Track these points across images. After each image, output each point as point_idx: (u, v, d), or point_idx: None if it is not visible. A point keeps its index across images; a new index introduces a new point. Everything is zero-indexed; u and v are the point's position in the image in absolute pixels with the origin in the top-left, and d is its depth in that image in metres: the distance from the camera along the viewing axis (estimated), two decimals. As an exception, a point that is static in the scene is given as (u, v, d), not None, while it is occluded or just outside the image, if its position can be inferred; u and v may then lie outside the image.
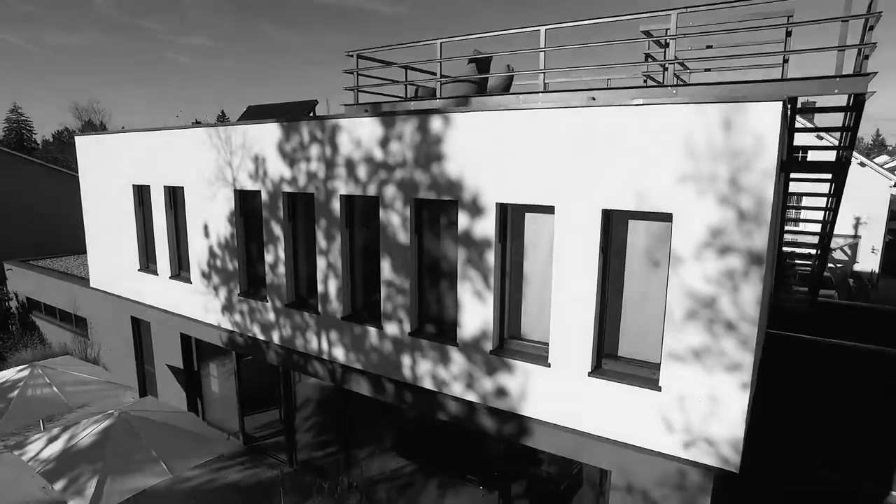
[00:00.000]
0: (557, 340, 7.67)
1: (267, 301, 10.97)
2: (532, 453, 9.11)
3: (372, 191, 9.01)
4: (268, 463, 12.49)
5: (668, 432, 7.08)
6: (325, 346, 10.19)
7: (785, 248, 13.15)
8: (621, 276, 7.42)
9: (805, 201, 17.44)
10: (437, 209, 8.67)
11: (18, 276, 19.41)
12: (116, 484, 8.12)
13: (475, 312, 8.29)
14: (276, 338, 11.00)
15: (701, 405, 6.79)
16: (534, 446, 8.48)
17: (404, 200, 8.68)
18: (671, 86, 8.36)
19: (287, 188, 10.13)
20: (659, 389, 7.05)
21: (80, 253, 19.94)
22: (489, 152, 7.79)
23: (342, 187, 9.37)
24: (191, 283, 12.42)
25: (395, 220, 8.83)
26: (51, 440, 9.08)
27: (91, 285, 15.66)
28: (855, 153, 28.02)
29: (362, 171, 9.07)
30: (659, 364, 7.11)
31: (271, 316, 10.96)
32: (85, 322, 16.65)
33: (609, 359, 7.60)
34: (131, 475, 8.34)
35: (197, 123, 12.34)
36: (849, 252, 28.98)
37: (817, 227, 11.26)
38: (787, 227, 11.66)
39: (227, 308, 11.75)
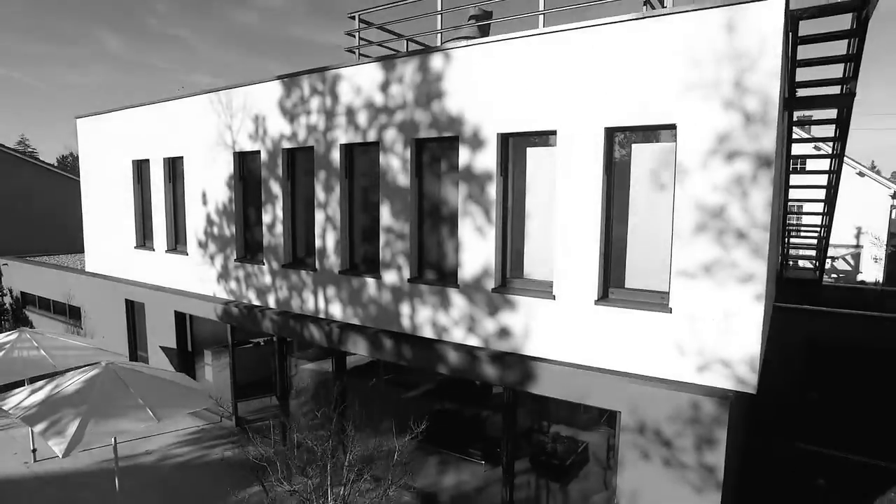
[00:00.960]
0: (562, 271, 7.43)
1: (263, 264, 10.74)
2: (536, 430, 8.75)
3: (372, 136, 8.93)
4: (259, 442, 11.95)
5: (680, 357, 6.76)
6: (321, 304, 9.90)
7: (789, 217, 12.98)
8: (626, 199, 7.23)
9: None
10: (438, 149, 8.56)
11: (13, 272, 19.19)
12: (99, 426, 7.73)
13: (477, 250, 8.07)
14: (271, 301, 10.71)
15: (714, 323, 6.49)
16: (539, 392, 8.09)
17: (405, 142, 8.58)
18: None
19: (287, 144, 10.07)
20: (669, 311, 6.76)
21: (77, 252, 19.80)
22: (489, 83, 7.74)
23: (342, 136, 9.29)
24: (187, 254, 12.22)
25: (396, 163, 8.71)
26: (34, 391, 8.71)
27: (87, 269, 15.42)
28: (854, 161, 28.11)
29: (363, 118, 9.01)
30: (668, 285, 6.85)
31: (267, 279, 10.70)
32: (79, 312, 16.32)
33: (616, 287, 7.33)
34: (115, 419, 7.95)
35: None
36: (851, 262, 28.75)
37: (821, 193, 11.12)
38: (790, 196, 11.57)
39: (223, 276, 11.50)
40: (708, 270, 6.50)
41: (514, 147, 7.89)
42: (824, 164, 12.90)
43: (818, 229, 13.75)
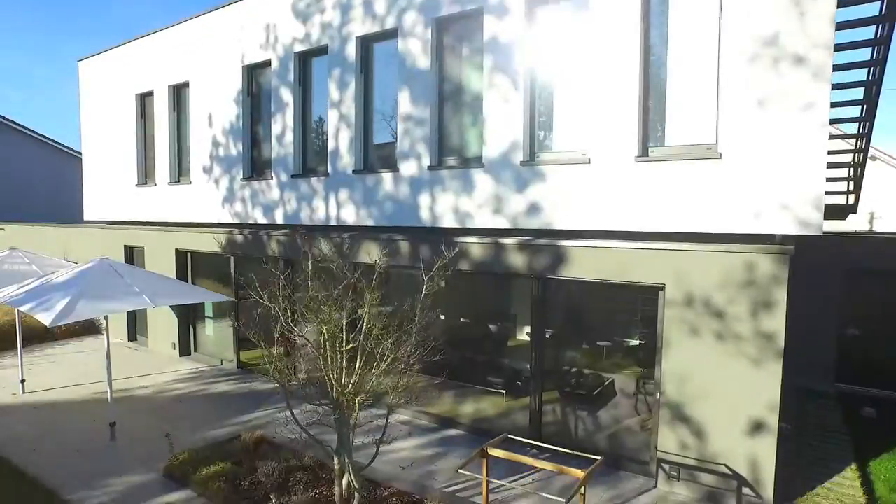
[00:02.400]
0: (597, 132, 6.87)
1: (272, 178, 10.19)
2: (561, 366, 8.11)
3: (391, 23, 8.49)
4: (263, 379, 11.20)
5: (733, 207, 6.12)
6: (333, 210, 9.30)
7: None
8: (665, 45, 6.69)
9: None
10: (460, 26, 8.09)
11: (11, 235, 18.57)
12: (89, 305, 7.09)
13: (503, 124, 7.53)
14: (279, 216, 10.12)
15: (770, 164, 5.88)
16: (573, 276, 7.43)
17: (425, 23, 8.13)
18: None
19: (299, 47, 9.63)
20: (719, 157, 6.17)
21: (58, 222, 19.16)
22: (518, -57, 7.32)
23: (358, 28, 8.86)
24: (191, 182, 11.68)
25: (415, 47, 8.24)
26: (23, 286, 8.06)
27: (85, 218, 14.86)
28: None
29: (380, 5, 8.58)
30: (716, 132, 6.26)
31: (276, 193, 10.13)
32: (75, 269, 15.67)
33: (657, 144, 6.74)
34: (108, 301, 7.32)
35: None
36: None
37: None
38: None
39: (229, 199, 10.93)
40: (762, 105, 5.94)
41: (540, 7, 7.41)
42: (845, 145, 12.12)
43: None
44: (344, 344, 5.56)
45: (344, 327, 5.61)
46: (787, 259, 6.10)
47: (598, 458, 5.38)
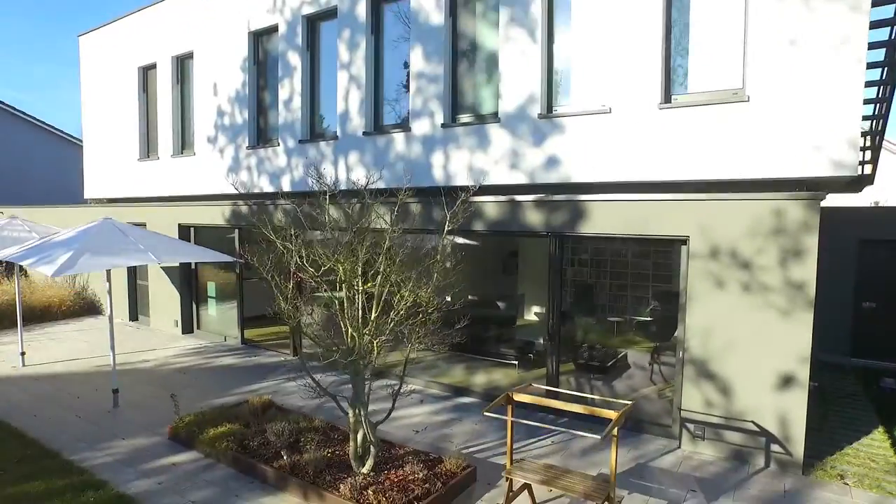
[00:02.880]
0: (617, 80, 6.66)
1: (278, 145, 9.97)
2: (575, 339, 7.91)
3: (402, -22, 8.28)
4: (268, 353, 10.96)
5: (761, 151, 5.91)
6: (342, 173, 9.08)
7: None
8: (692, -9, 6.49)
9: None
10: (475, -20, 7.89)
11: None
12: (93, 259, 6.85)
13: (520, 77, 7.32)
14: (286, 183, 9.89)
15: (802, 104, 5.68)
16: (592, 231, 7.22)
17: (438, -23, 7.92)
18: None
19: (307, 10, 9.41)
20: (746, 100, 5.96)
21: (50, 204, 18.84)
22: None
23: (368, -13, 8.65)
24: (194, 154, 11.44)
25: (428, 2, 8.03)
26: (24, 246, 7.81)
27: (85, 197, 14.60)
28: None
29: (391, -39, 8.39)
30: (743, 73, 6.04)
31: (282, 160, 9.91)
32: (75, 251, 15.39)
33: (681, 88, 6.53)
34: (112, 256, 7.07)
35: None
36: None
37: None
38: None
39: (234, 168, 10.70)
40: (793, 42, 5.73)
41: (560, -38, 7.22)
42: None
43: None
44: (360, 284, 5.32)
45: (360, 268, 5.37)
46: (818, 205, 5.89)
47: (629, 402, 5.14)
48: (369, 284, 5.33)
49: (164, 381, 9.35)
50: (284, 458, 5.96)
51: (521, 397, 5.10)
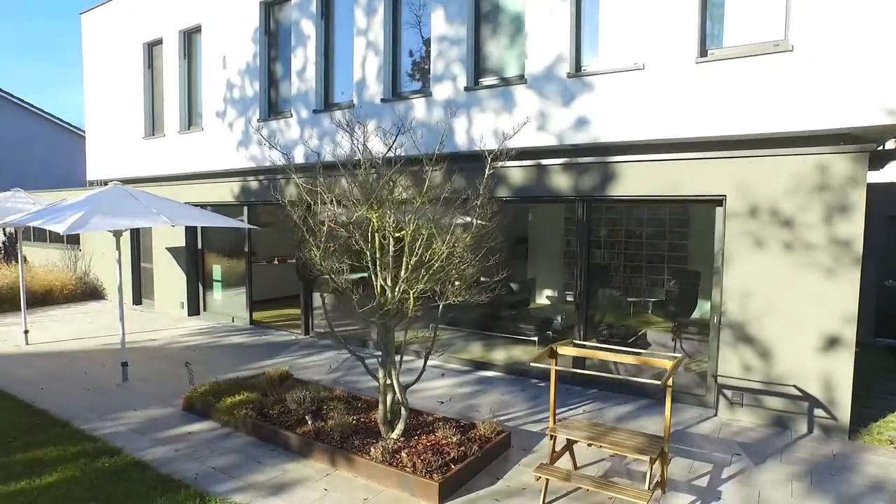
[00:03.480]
0: (652, 34, 6.40)
1: (290, 116, 9.69)
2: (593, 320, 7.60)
3: (422, -60, 8.03)
4: (279, 332, 10.67)
5: (806, 102, 5.64)
6: (359, 143, 8.78)
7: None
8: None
9: None
10: (498, -61, 7.64)
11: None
12: (105, 220, 6.56)
13: (547, 36, 7.07)
14: (299, 155, 9.59)
15: (853, 50, 5.42)
16: (623, 194, 6.99)
17: (460, -65, 7.67)
18: None
19: (321, -24, 9.15)
20: (790, 49, 5.71)
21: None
22: None
23: (386, -51, 8.39)
24: (202, 129, 11.14)
25: (449, -37, 7.78)
26: (31, 212, 7.51)
27: (88, 178, 14.28)
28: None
29: (410, -79, 8.14)
30: (786, 21, 5.79)
31: (295, 132, 9.62)
32: (77, 234, 15.02)
33: (718, 41, 6.28)
34: (124, 217, 6.77)
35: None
36: None
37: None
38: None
39: (244, 142, 10.40)
40: (843, -14, 5.49)
41: (589, -84, 6.98)
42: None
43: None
44: (392, 231, 5.05)
45: (392, 217, 5.11)
46: (867, 157, 5.67)
47: (679, 355, 4.87)
48: (403, 232, 5.06)
49: (173, 357, 9.05)
50: (309, 423, 5.67)
51: (565, 350, 4.84)
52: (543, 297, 11.54)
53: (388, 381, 5.41)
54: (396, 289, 5.09)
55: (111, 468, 5.20)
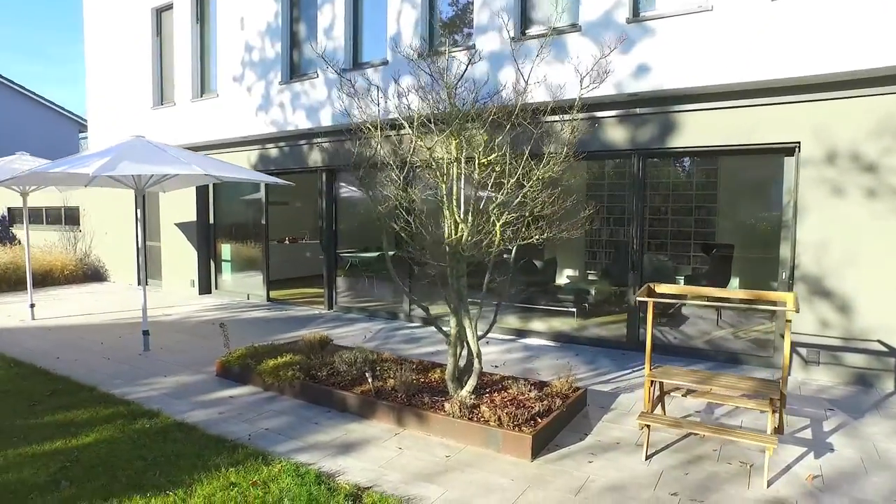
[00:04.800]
0: (723, -30, 6.03)
1: (316, 76, 9.19)
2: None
3: None
4: (299, 308, 10.15)
5: (893, 34, 5.30)
6: (392, 101, 8.32)
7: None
8: None
9: None
10: None
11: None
12: (134, 165, 6.01)
13: (604, -22, 6.67)
14: (325, 118, 9.11)
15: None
16: (685, 146, 6.62)
17: None
18: None
19: (351, -73, 8.68)
20: (879, -19, 5.36)
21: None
22: None
23: None
24: (217, 95, 10.60)
25: None
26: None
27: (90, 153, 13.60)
28: None
29: None
30: (874, -47, 5.45)
31: (322, 93, 9.13)
32: (77, 215, 14.34)
33: (796, -21, 5.92)
34: (152, 164, 6.24)
35: None
36: None
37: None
38: None
39: (264, 106, 9.88)
40: (936, -87, 5.16)
41: None
42: None
43: None
44: (480, 157, 4.60)
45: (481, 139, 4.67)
46: (962, 92, 5.35)
47: (793, 293, 4.47)
48: (494, 156, 4.63)
49: (193, 329, 8.52)
50: (370, 381, 5.20)
51: (663, 289, 4.43)
52: (563, 277, 11.15)
53: (457, 334, 4.96)
54: (476, 222, 4.65)
55: (153, 429, 4.69)
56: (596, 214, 4.95)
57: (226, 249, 11.68)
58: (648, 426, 4.08)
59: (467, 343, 4.96)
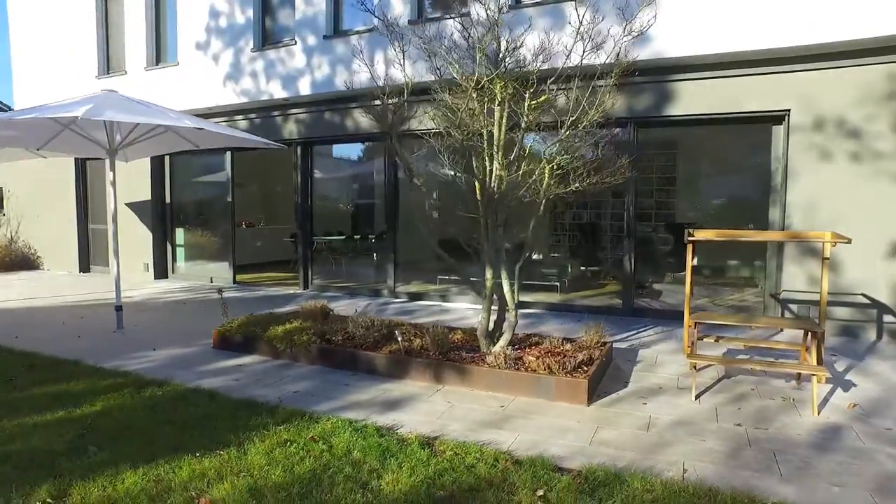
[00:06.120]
0: (722, -57, 6.28)
1: (294, 43, 8.74)
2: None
3: None
4: (272, 290, 9.61)
5: (875, 7, 5.72)
6: (380, 69, 8.06)
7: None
8: None
9: None
10: None
11: None
12: (122, 115, 5.47)
13: (604, -53, 6.76)
14: (304, 87, 8.68)
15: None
16: (680, 114, 6.84)
17: None
18: None
19: None
20: (865, -43, 5.77)
21: None
22: None
23: None
24: (177, 63, 9.85)
25: None
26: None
27: (18, 128, 12.22)
28: None
29: None
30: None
31: (300, 60, 8.69)
32: (0, 199, 12.87)
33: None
34: (141, 115, 5.67)
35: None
36: None
37: None
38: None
39: (234, 76, 9.29)
40: None
41: None
42: None
43: None
44: (528, 100, 4.50)
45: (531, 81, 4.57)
46: (936, 62, 5.86)
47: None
48: (546, 97, 4.54)
49: (164, 309, 7.89)
50: (399, 340, 4.97)
51: (702, 234, 4.53)
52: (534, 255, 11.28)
53: (492, 288, 4.83)
54: (519, 168, 4.55)
55: (168, 396, 4.25)
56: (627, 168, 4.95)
57: (184, 231, 10.89)
58: (696, 366, 4.14)
59: (500, 298, 4.85)
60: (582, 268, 9.78)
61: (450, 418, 3.86)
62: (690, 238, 4.47)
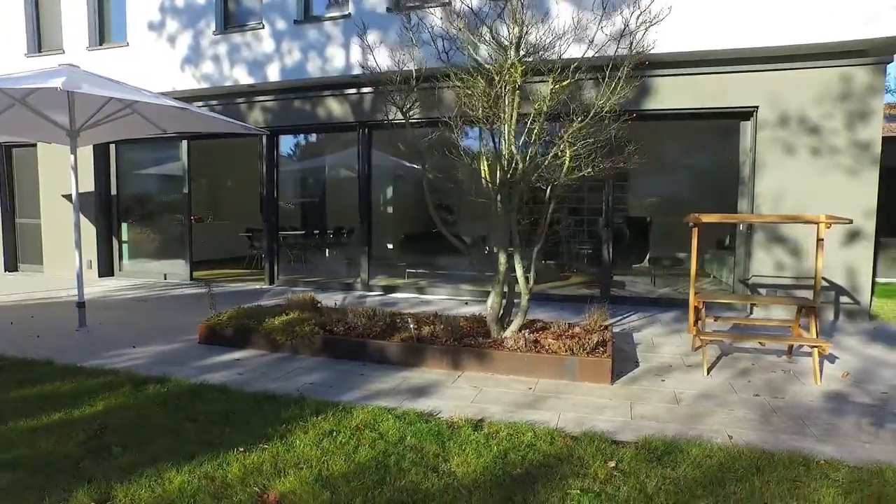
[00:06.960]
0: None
1: (262, 27, 8.35)
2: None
3: None
4: (235, 286, 9.12)
5: (839, 12, 6.24)
6: (355, 56, 7.86)
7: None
8: None
9: None
10: None
11: None
12: (97, 89, 4.97)
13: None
14: (273, 74, 8.32)
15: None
16: (660, 107, 7.13)
17: None
18: None
19: None
20: (825, -34, 6.27)
21: None
22: None
23: None
24: (127, 44, 9.15)
25: None
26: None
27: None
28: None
29: None
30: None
31: (269, 45, 8.31)
32: None
33: (755, -38, 6.68)
34: (115, 90, 5.20)
35: None
36: None
37: None
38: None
39: (193, 59, 8.74)
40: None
41: None
42: None
43: None
44: (554, 79, 4.52)
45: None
46: (885, 68, 6.45)
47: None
48: (567, 82, 4.58)
49: (123, 307, 7.29)
50: (412, 327, 4.86)
51: (708, 218, 4.75)
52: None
53: (505, 272, 4.84)
54: (536, 150, 4.57)
55: (175, 393, 3.93)
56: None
57: (132, 227, 10.12)
58: (704, 343, 4.34)
59: (522, 274, 4.86)
60: (558, 259, 10.01)
61: (484, 402, 3.82)
62: (696, 222, 4.68)
